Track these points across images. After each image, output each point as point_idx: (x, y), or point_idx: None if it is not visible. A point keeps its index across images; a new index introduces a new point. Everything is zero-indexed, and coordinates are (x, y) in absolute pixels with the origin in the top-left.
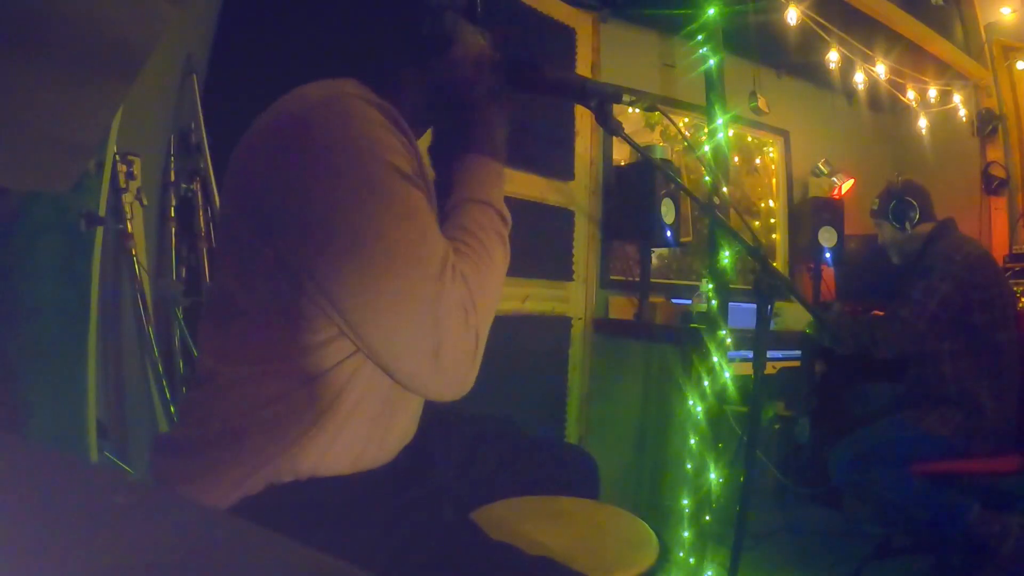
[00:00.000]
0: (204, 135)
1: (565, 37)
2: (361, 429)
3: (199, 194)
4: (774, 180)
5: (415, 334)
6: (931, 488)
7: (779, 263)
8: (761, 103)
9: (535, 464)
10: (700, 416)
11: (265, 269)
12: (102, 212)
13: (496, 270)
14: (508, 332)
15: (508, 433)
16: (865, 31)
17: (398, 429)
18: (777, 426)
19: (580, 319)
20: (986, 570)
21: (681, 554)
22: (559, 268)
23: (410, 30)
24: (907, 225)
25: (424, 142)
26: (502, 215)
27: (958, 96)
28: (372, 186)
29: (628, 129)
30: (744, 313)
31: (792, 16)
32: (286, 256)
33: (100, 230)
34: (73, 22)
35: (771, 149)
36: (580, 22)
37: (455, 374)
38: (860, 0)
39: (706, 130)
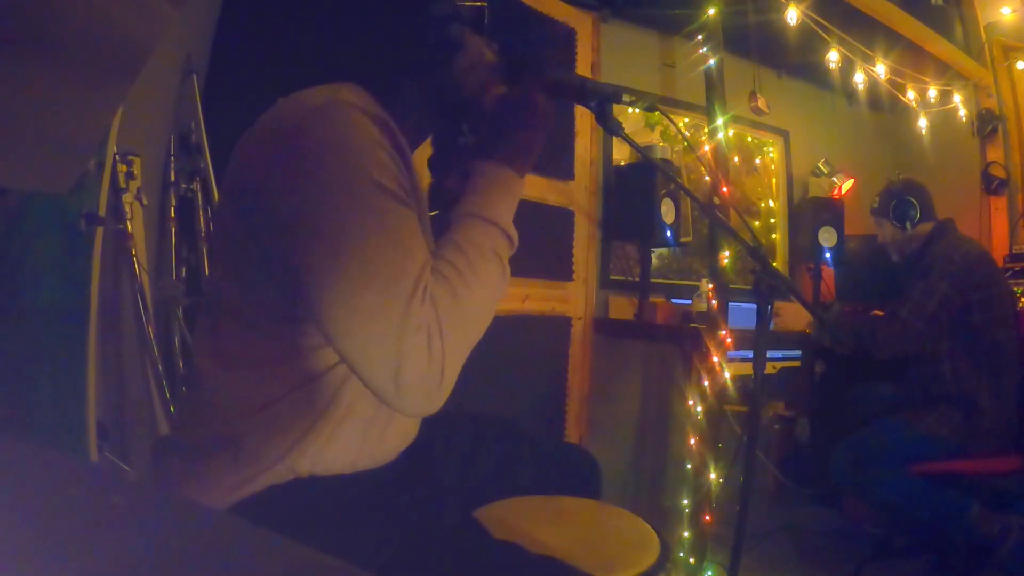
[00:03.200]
0: (204, 135)
1: (565, 37)
2: (357, 430)
3: (199, 194)
4: (774, 180)
5: (378, 352)
6: (931, 488)
7: (779, 263)
8: (761, 103)
9: (536, 464)
10: (700, 416)
11: (258, 272)
12: (102, 212)
13: (483, 293)
14: (508, 332)
15: (509, 433)
16: (865, 31)
17: (396, 430)
18: (777, 426)
19: (580, 319)
20: (986, 570)
21: (681, 554)
22: (559, 268)
23: (415, 38)
24: (907, 225)
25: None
26: (507, 234)
27: (958, 96)
28: (356, 201)
29: (628, 129)
30: (744, 313)
31: (792, 16)
32: (275, 260)
33: (100, 230)
34: (73, 22)
35: (771, 149)
36: (580, 22)
37: (417, 395)
38: (860, 0)
39: (706, 130)
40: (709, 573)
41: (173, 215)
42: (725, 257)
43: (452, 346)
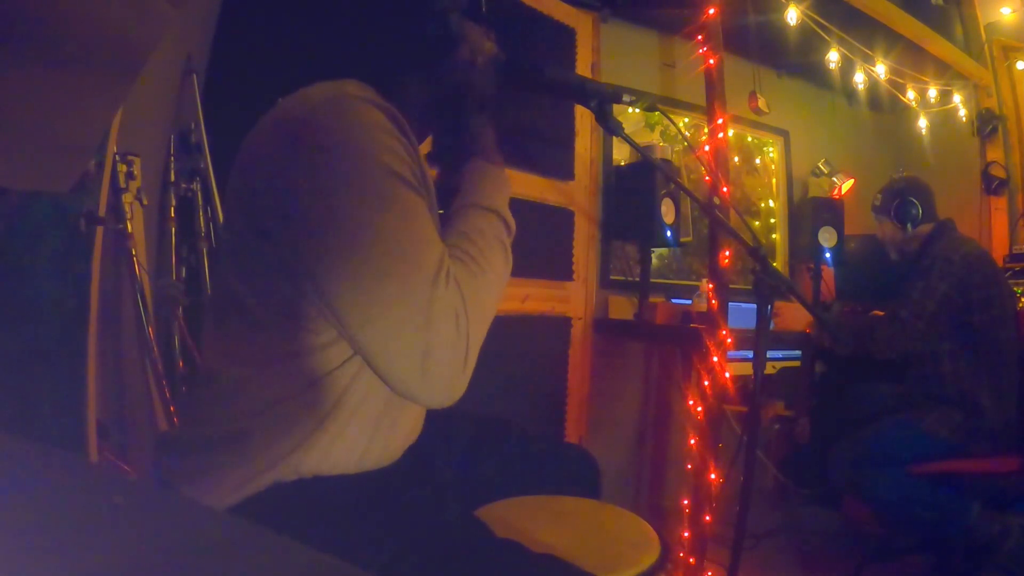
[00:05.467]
0: (204, 135)
1: (565, 37)
2: (364, 429)
3: (199, 194)
4: (774, 180)
5: (406, 339)
6: (931, 488)
7: (779, 263)
8: (761, 103)
9: (536, 464)
10: (700, 416)
11: (267, 269)
12: (102, 212)
13: (494, 277)
14: (508, 332)
15: (509, 433)
16: (865, 31)
17: (402, 429)
18: (777, 426)
19: (580, 319)
20: (986, 570)
21: (681, 554)
22: (559, 268)
23: (415, 31)
24: (908, 226)
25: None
26: (506, 221)
27: (958, 96)
28: (371, 190)
29: (628, 129)
30: (744, 313)
31: (792, 16)
32: (286, 256)
33: (100, 230)
34: (73, 22)
35: (771, 149)
36: (580, 22)
37: (444, 381)
38: (860, 0)
39: (706, 130)
40: (709, 573)
41: (173, 215)
42: (725, 257)
43: (475, 330)
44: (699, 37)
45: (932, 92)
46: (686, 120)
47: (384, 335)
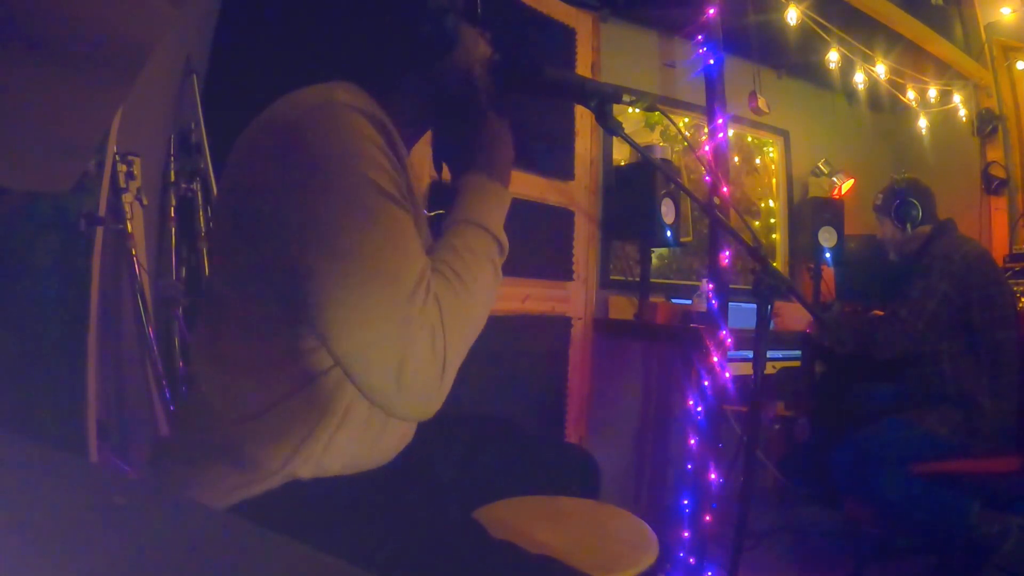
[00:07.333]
0: (204, 135)
1: (565, 37)
2: (354, 433)
3: (199, 194)
4: (774, 180)
5: (380, 352)
6: (931, 488)
7: (779, 263)
8: (761, 103)
9: (535, 464)
10: (700, 416)
11: (253, 274)
12: (102, 212)
13: (479, 296)
14: (508, 332)
15: (508, 433)
16: (865, 31)
17: (393, 432)
18: (777, 426)
19: (580, 319)
20: (986, 570)
21: (681, 554)
22: (559, 268)
23: (410, 32)
24: (908, 226)
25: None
26: (498, 241)
27: (958, 96)
28: (354, 204)
29: (628, 129)
30: (744, 313)
31: (792, 16)
32: (269, 263)
33: (100, 230)
34: (73, 22)
35: (771, 149)
36: (580, 22)
37: (418, 396)
38: (860, 0)
39: (706, 130)
40: (709, 573)
41: (173, 215)
42: (725, 257)
43: (453, 347)
44: (699, 37)
45: (932, 92)
46: (686, 120)
47: (360, 348)
